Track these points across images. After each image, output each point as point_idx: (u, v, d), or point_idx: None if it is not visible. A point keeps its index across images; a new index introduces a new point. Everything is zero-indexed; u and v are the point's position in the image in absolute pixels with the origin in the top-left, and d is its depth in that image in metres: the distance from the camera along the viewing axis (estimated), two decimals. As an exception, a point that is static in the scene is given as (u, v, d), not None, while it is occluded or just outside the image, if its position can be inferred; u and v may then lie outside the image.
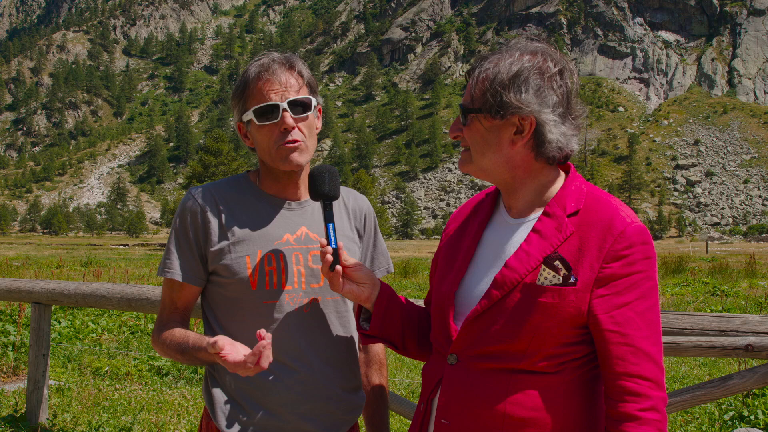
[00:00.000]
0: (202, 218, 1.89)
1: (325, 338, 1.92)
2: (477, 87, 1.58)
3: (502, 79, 1.53)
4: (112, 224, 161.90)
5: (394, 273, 22.37)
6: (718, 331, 2.97)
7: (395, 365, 7.96)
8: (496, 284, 1.56)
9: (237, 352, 1.62)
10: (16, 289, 5.20)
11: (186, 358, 1.83)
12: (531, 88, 1.53)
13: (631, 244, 1.50)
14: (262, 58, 1.90)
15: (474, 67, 1.61)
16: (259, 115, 1.84)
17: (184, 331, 1.88)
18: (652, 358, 1.49)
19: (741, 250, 55.74)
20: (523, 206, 1.65)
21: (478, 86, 1.58)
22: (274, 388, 1.85)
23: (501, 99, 1.53)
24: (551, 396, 1.53)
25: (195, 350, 1.79)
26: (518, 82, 1.53)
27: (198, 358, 1.79)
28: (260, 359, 1.59)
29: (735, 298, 13.96)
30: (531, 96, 1.53)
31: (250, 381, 1.84)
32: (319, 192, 1.81)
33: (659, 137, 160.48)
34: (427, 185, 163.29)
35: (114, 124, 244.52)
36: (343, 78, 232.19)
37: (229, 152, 67.88)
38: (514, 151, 1.58)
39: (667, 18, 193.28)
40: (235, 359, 1.61)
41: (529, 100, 1.52)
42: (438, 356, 1.69)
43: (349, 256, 1.80)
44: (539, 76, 1.54)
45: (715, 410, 5.79)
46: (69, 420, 5.39)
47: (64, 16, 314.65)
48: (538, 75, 1.54)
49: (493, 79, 1.54)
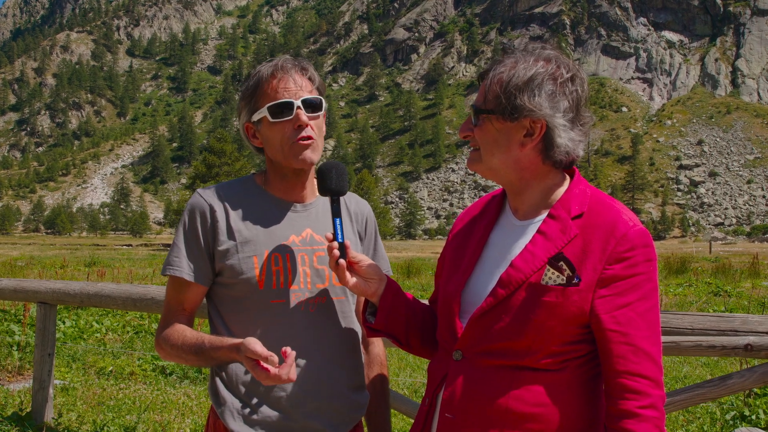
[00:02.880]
0: (211, 217, 1.90)
1: (330, 338, 1.94)
2: (491, 89, 1.61)
3: (516, 83, 1.57)
4: (115, 224, 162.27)
5: (397, 273, 22.45)
6: (717, 330, 2.98)
7: (398, 365, 7.98)
8: (501, 283, 1.60)
9: (272, 362, 1.67)
10: (22, 289, 5.23)
11: (201, 358, 1.84)
12: (544, 93, 1.57)
13: (633, 246, 1.54)
14: (274, 60, 1.94)
15: (488, 70, 1.65)
16: (273, 112, 1.87)
17: (197, 332, 1.89)
18: (652, 357, 1.54)
19: (744, 250, 55.61)
20: (528, 208, 1.68)
21: (492, 88, 1.61)
22: (280, 387, 1.87)
23: (514, 102, 1.57)
24: (553, 392, 1.57)
25: (213, 350, 1.81)
26: (532, 87, 1.57)
27: (215, 357, 1.81)
28: (291, 373, 1.66)
29: (738, 298, 13.94)
30: (543, 100, 1.57)
31: (256, 380, 1.85)
32: (327, 187, 1.85)
33: (663, 137, 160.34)
34: (431, 185, 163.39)
35: (117, 124, 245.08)
36: (347, 78, 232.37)
37: (232, 152, 67.91)
38: (522, 153, 1.62)
39: (671, 18, 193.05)
40: (274, 372, 1.66)
41: (542, 104, 1.56)
42: (444, 353, 1.73)
43: (358, 253, 1.85)
44: (552, 82, 1.58)
45: (717, 410, 5.80)
46: (74, 419, 5.42)
47: (67, 16, 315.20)
48: (551, 81, 1.58)
49: (508, 82, 1.58)
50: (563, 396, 1.58)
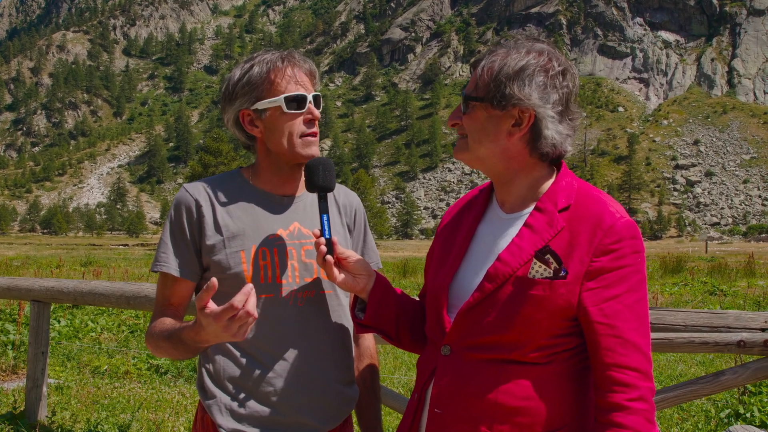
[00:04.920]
0: (198, 212, 1.89)
1: (320, 331, 1.93)
2: (482, 77, 1.62)
3: (507, 72, 1.58)
4: (111, 224, 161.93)
5: (393, 272, 22.42)
6: (710, 327, 2.98)
7: (393, 364, 7.98)
8: (488, 277, 1.60)
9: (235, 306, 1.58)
10: (15, 288, 5.22)
11: (172, 342, 1.79)
12: (534, 84, 1.57)
13: (620, 238, 1.54)
14: (277, 51, 1.93)
15: (480, 59, 1.65)
16: (289, 102, 1.87)
17: (175, 321, 1.87)
18: (640, 349, 1.53)
19: (740, 249, 55.73)
20: (515, 201, 1.68)
21: (482, 77, 1.62)
22: (269, 381, 1.86)
23: (504, 90, 1.57)
24: (542, 386, 1.57)
25: (179, 330, 1.76)
26: (523, 76, 1.57)
27: (182, 339, 1.74)
28: (247, 304, 1.55)
29: (733, 297, 13.97)
30: (533, 91, 1.57)
31: (244, 374, 1.86)
32: (314, 183, 1.84)
33: (659, 137, 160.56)
34: (427, 185, 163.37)
35: (114, 124, 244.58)
36: (343, 78, 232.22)
37: (228, 152, 67.84)
38: (510, 143, 1.62)
39: (667, 18, 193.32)
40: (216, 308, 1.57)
41: (531, 94, 1.57)
42: (432, 348, 1.73)
43: (345, 249, 1.85)
44: (544, 74, 1.59)
45: (712, 408, 5.82)
46: (68, 418, 5.41)
47: (63, 16, 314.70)
48: (542, 72, 1.59)
49: (499, 71, 1.59)
50: (552, 389, 1.58)
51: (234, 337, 1.60)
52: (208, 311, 1.56)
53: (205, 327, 1.60)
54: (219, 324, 1.57)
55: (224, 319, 1.56)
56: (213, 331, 1.60)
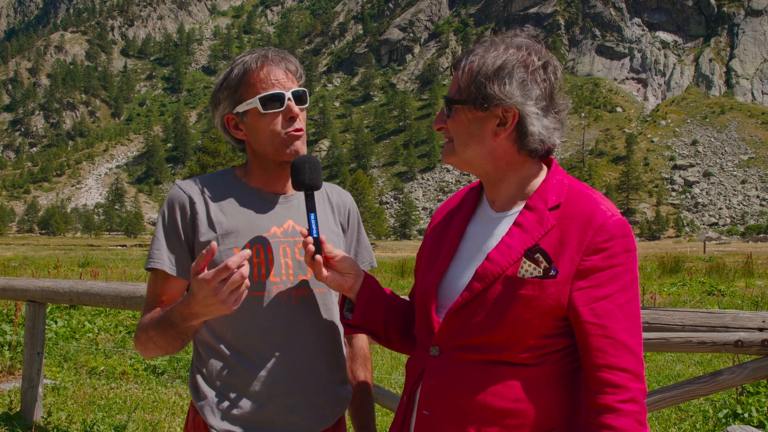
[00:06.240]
0: (191, 209, 1.87)
1: (312, 330, 1.91)
2: (462, 79, 1.59)
3: (486, 72, 1.55)
4: (109, 225, 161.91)
5: (391, 273, 22.39)
6: (708, 327, 2.96)
7: (391, 364, 7.97)
8: (477, 277, 1.57)
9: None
10: (11, 288, 5.21)
11: (161, 328, 1.75)
12: (515, 81, 1.55)
13: (612, 237, 1.51)
14: (257, 51, 1.92)
15: (459, 60, 1.62)
16: (265, 102, 1.85)
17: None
18: (632, 350, 1.50)
19: (738, 250, 55.78)
20: (505, 200, 1.66)
21: (463, 78, 1.59)
22: (261, 381, 1.83)
23: (485, 91, 1.55)
24: (532, 387, 1.54)
25: (169, 311, 1.72)
26: (502, 75, 1.55)
27: (172, 320, 1.71)
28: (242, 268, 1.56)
29: (732, 297, 13.98)
30: (515, 88, 1.54)
31: (237, 374, 1.84)
32: (301, 181, 1.82)
33: (657, 137, 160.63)
34: (425, 186, 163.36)
35: (112, 124, 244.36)
36: (341, 78, 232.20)
37: (227, 153, 67.81)
38: (497, 143, 1.59)
39: (665, 18, 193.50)
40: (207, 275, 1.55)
41: (513, 92, 1.54)
42: (421, 348, 1.70)
43: (334, 248, 1.81)
44: (523, 70, 1.56)
45: (710, 408, 5.81)
46: (64, 418, 5.39)
47: (61, 16, 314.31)
48: (522, 68, 1.56)
49: (478, 71, 1.56)
50: (542, 391, 1.55)
51: (224, 304, 1.57)
52: (201, 276, 1.55)
53: (196, 294, 1.58)
54: (210, 286, 1.54)
55: (217, 280, 1.54)
56: (203, 298, 1.57)
